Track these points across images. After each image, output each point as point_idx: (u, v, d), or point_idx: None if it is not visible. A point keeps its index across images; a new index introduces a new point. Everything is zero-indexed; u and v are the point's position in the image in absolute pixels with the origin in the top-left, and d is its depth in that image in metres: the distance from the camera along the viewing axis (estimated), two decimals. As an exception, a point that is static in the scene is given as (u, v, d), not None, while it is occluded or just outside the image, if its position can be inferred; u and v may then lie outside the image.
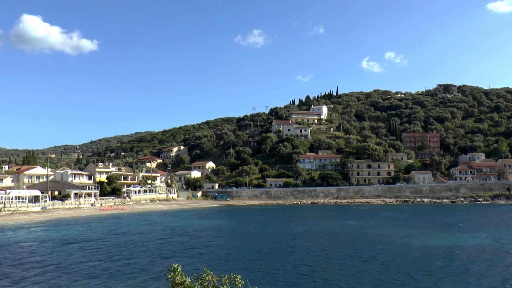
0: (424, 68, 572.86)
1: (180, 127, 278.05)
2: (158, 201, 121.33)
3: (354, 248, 41.86)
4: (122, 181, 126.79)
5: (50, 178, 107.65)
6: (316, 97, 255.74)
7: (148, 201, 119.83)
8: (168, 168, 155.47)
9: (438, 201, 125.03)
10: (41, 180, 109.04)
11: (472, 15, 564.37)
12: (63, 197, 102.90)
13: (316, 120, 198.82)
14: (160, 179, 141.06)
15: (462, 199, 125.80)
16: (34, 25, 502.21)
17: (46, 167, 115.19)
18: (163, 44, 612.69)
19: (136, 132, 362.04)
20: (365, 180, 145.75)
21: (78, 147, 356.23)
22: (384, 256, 37.16)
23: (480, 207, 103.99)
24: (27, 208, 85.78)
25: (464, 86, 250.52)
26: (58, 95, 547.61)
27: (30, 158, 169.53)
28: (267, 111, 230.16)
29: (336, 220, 74.46)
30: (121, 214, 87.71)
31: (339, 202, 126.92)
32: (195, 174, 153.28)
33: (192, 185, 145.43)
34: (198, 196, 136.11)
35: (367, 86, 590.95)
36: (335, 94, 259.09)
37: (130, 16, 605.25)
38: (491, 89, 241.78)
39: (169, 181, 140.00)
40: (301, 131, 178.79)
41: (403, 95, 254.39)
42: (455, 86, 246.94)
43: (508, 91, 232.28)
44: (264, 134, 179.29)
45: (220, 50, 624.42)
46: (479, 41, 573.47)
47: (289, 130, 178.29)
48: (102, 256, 37.81)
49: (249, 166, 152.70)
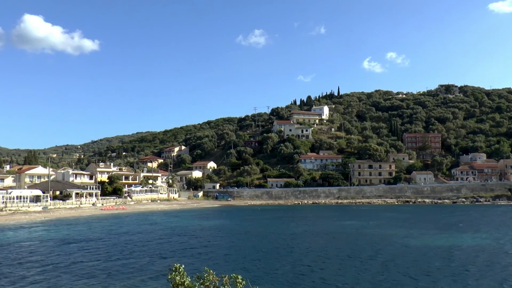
0: (425, 69, 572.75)
1: (181, 127, 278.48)
2: (159, 201, 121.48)
3: (354, 248, 41.88)
4: (123, 181, 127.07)
5: (52, 178, 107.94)
6: (317, 97, 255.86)
7: (149, 201, 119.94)
8: (169, 168, 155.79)
9: (440, 201, 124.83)
10: (42, 180, 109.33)
11: (473, 16, 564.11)
12: (64, 197, 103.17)
13: (317, 120, 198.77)
14: (161, 179, 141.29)
15: (464, 200, 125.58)
16: (36, 25, 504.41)
17: (48, 167, 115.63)
18: (165, 44, 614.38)
19: (137, 132, 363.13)
20: (366, 181, 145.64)
21: (79, 147, 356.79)
22: (384, 256, 37.14)
23: (480, 208, 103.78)
24: (28, 208, 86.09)
25: (466, 86, 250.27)
26: (59, 95, 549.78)
27: (31, 158, 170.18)
28: (268, 111, 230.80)
29: (336, 220, 74.47)
30: (122, 214, 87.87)
31: (340, 203, 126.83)
32: (196, 174, 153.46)
33: (193, 185, 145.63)
34: (199, 196, 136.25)
35: (369, 86, 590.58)
36: (336, 94, 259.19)
37: (132, 16, 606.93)
38: (493, 89, 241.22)
39: (170, 181, 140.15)
40: (302, 131, 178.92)
41: (404, 96, 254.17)
42: (456, 87, 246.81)
43: (509, 91, 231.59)
44: (265, 134, 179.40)
45: (221, 50, 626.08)
46: (480, 41, 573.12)
47: (290, 130, 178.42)
48: (102, 255, 37.92)
49: (250, 166, 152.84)
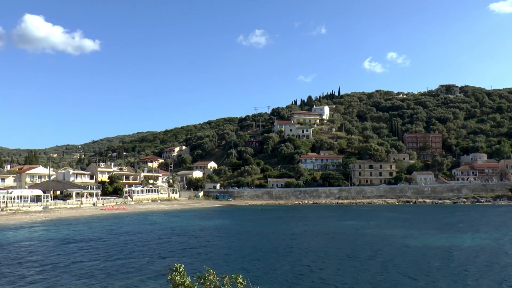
0: (426, 69, 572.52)
1: (182, 127, 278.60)
2: (159, 201, 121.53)
3: (353, 249, 41.89)
4: (124, 181, 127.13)
5: (52, 177, 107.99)
6: (318, 97, 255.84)
7: (150, 201, 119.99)
8: (170, 168, 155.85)
9: (440, 201, 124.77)
10: (43, 179, 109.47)
11: (474, 16, 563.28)
12: (65, 196, 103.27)
13: (318, 121, 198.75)
14: (162, 179, 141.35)
15: (464, 200, 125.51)
16: (36, 25, 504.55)
17: (48, 167, 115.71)
18: (165, 44, 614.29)
19: (138, 132, 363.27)
20: (367, 181, 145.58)
21: (80, 146, 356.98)
22: (383, 257, 37.14)
23: (481, 208, 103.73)
24: (29, 207, 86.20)
25: (466, 86, 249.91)
26: (60, 95, 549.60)
27: (32, 158, 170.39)
28: (269, 111, 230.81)
29: (337, 220, 74.49)
30: (122, 214, 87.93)
31: (341, 203, 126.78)
32: (197, 174, 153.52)
33: (194, 185, 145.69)
34: (200, 196, 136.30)
35: (369, 86, 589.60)
36: (337, 94, 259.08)
37: (132, 16, 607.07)
38: (494, 89, 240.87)
39: (171, 181, 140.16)
40: (303, 131, 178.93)
41: (405, 96, 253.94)
42: (457, 87, 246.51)
43: (510, 91, 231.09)
44: (266, 134, 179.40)
45: (222, 50, 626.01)
46: (481, 41, 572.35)
47: (291, 130, 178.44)
48: (101, 255, 37.97)
49: (251, 166, 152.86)
